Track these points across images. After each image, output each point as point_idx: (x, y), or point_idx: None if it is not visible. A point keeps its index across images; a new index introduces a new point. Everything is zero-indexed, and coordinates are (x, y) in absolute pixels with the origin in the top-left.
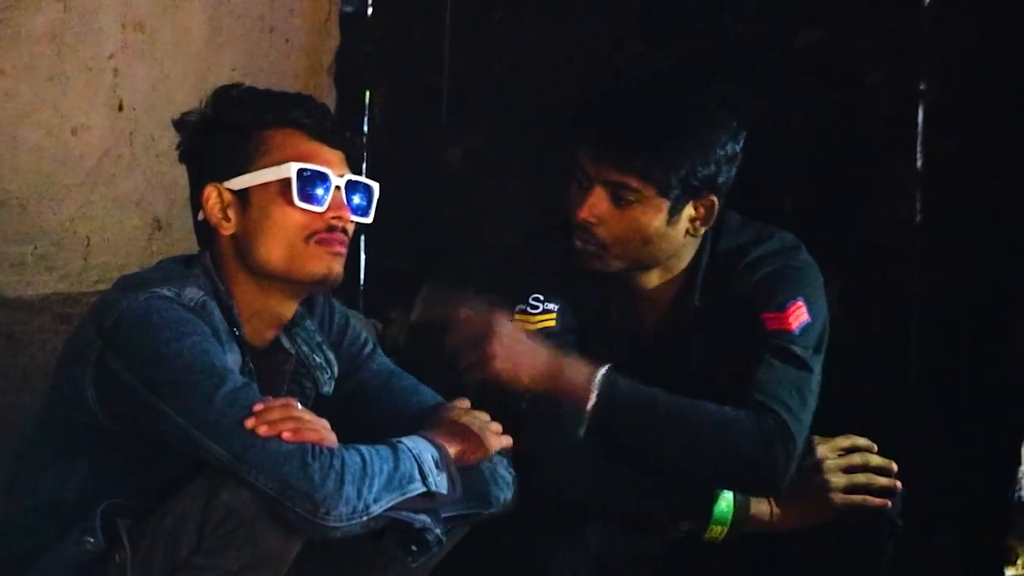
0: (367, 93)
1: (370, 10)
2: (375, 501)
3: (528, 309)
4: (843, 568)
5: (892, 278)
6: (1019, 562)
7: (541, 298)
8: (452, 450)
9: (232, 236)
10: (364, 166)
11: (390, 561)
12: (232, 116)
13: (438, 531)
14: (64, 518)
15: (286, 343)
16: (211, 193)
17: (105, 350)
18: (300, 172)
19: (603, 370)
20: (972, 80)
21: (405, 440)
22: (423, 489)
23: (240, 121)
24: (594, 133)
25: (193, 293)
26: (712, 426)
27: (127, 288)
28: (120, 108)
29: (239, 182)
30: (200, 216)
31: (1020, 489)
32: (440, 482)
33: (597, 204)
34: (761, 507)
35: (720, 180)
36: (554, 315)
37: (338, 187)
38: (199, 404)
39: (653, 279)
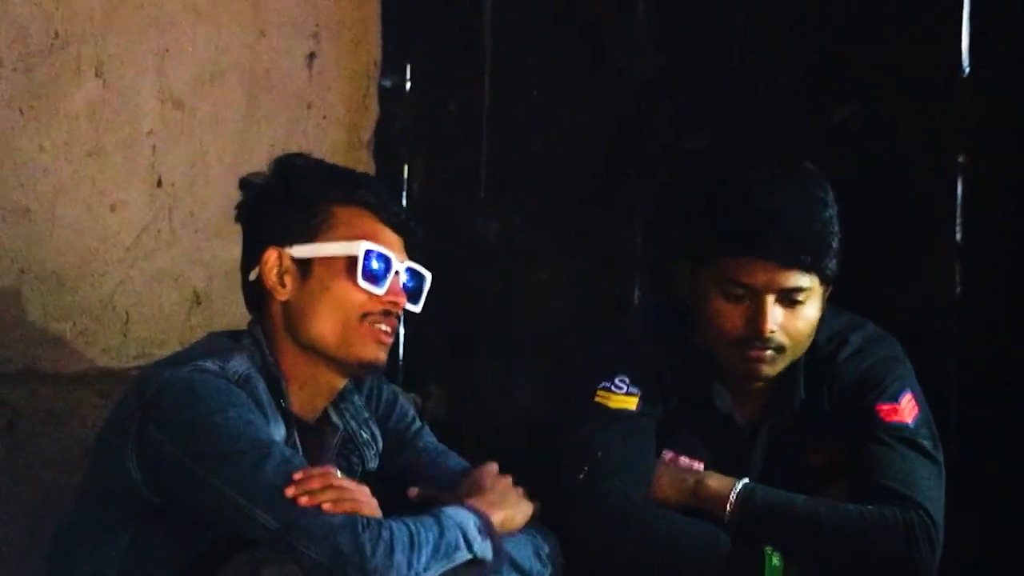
0: (405, 168)
1: (408, 85)
2: (424, 570)
3: (612, 388)
4: None
5: (931, 352)
6: None
7: (627, 380)
8: (495, 518)
9: (285, 303)
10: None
11: None
12: (300, 186)
13: None
14: None
15: (334, 417)
16: (271, 255)
17: (146, 422)
18: (368, 252)
19: (742, 481)
20: (1011, 153)
21: (447, 509)
22: (469, 556)
23: (308, 192)
24: (756, 247)
25: (238, 366)
26: (853, 527)
27: (169, 363)
28: (159, 184)
29: (303, 251)
30: (252, 276)
31: None
32: (484, 548)
33: (776, 313)
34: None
35: None
36: (636, 398)
37: (398, 272)
38: (248, 474)
39: None
